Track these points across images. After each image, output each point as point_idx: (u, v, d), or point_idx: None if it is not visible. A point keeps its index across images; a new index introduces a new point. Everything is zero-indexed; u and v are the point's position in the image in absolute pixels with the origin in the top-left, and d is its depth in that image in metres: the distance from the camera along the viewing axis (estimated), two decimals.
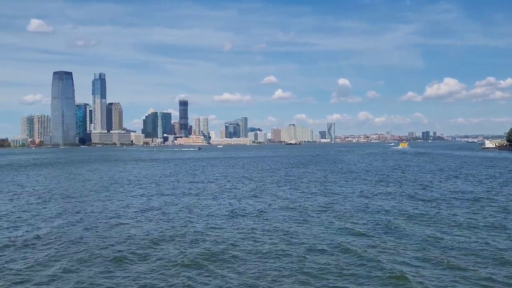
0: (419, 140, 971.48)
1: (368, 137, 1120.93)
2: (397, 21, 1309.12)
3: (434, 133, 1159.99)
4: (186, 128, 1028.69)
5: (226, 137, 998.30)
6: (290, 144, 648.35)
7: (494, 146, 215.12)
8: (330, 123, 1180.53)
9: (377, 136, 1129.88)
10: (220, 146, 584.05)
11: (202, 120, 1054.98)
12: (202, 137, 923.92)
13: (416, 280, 18.88)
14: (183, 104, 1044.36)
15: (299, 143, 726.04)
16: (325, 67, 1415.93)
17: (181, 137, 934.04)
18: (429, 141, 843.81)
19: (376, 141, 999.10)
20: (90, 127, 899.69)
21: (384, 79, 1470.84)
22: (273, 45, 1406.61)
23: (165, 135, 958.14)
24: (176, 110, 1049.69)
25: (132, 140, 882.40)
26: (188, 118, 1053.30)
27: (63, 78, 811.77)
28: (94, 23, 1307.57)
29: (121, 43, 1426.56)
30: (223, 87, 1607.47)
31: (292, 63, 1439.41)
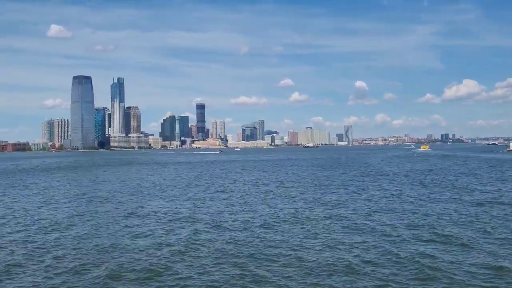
0: (438, 143, 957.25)
1: (386, 140, 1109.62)
2: (415, 22, 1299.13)
3: (453, 136, 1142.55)
4: (203, 131, 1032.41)
5: (243, 140, 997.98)
6: (308, 147, 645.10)
7: None
8: (348, 126, 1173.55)
9: (395, 139, 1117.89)
10: (238, 149, 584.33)
11: (219, 123, 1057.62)
12: (219, 140, 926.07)
13: None
14: (200, 108, 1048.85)
15: (317, 146, 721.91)
16: (342, 69, 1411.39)
17: (198, 140, 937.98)
18: (449, 144, 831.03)
19: (394, 144, 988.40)
20: (109, 131, 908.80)
21: (402, 81, 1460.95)
22: (289, 47, 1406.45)
23: (183, 139, 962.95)
24: (193, 113, 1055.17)
25: (150, 144, 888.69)
26: (205, 121, 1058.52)
27: (83, 83, 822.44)
28: (112, 28, 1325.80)
29: (139, 47, 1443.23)
30: (240, 90, 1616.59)
31: (309, 65, 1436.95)
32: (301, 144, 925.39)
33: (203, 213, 38.39)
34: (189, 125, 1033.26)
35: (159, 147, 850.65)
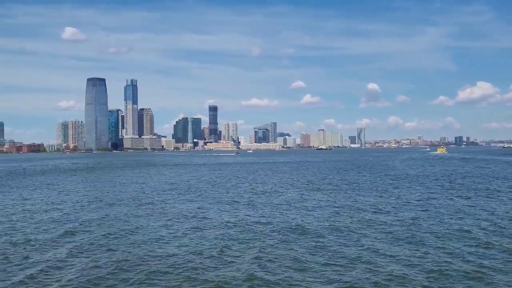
0: (452, 145, 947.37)
1: (399, 142, 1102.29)
2: (427, 24, 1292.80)
3: (467, 138, 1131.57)
4: (216, 133, 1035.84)
5: (255, 142, 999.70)
6: (321, 149, 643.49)
7: None
8: (360, 128, 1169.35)
9: (408, 141, 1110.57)
10: (250, 151, 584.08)
11: (232, 125, 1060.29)
12: (232, 142, 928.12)
13: None
14: (213, 109, 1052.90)
15: (330, 148, 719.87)
16: (354, 71, 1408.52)
17: (211, 142, 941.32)
18: (463, 147, 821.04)
19: (408, 146, 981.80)
20: (122, 132, 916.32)
21: (415, 83, 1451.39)
22: (301, 49, 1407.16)
23: (195, 140, 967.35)
24: (205, 115, 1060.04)
25: (163, 145, 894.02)
26: (218, 123, 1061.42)
27: (97, 85, 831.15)
28: (125, 30, 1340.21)
29: (152, 50, 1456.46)
30: (251, 92, 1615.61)
31: (320, 68, 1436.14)
32: (313, 147, 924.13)
33: (247, 215, 38.71)
34: (202, 127, 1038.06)
35: (172, 149, 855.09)
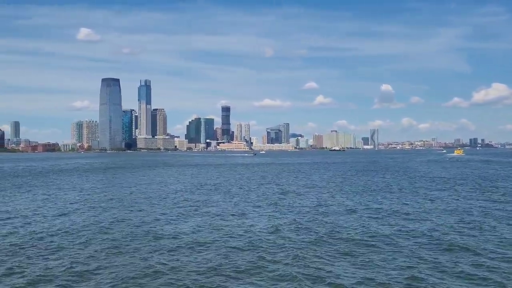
0: (467, 147, 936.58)
1: (413, 144, 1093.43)
2: (442, 25, 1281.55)
3: (483, 140, 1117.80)
4: (228, 134, 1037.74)
5: (268, 143, 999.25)
6: (334, 151, 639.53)
7: None
8: (373, 130, 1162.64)
9: (422, 143, 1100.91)
10: (263, 152, 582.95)
11: (244, 126, 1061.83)
12: (244, 143, 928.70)
13: None
14: (225, 110, 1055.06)
15: (343, 150, 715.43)
16: (367, 73, 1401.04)
17: (223, 143, 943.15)
18: (478, 149, 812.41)
19: (421, 148, 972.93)
20: (136, 133, 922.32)
21: (429, 85, 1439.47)
22: (314, 51, 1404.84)
23: (208, 141, 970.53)
24: (217, 116, 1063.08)
25: (176, 146, 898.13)
26: (230, 124, 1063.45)
27: (111, 85, 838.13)
28: (139, 31, 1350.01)
29: (165, 51, 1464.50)
30: (264, 93, 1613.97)
31: (333, 69, 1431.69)
32: (326, 147, 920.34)
33: (283, 214, 38.47)
34: (214, 128, 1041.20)
35: (185, 149, 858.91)
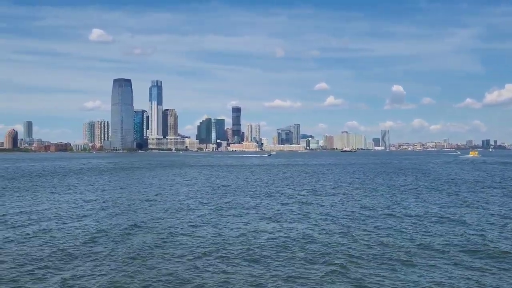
0: (479, 149, 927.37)
1: (424, 145, 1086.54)
2: (454, 25, 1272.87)
3: (495, 142, 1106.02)
4: (239, 134, 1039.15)
5: (278, 144, 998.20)
6: (345, 152, 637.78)
7: None
8: (384, 131, 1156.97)
9: (434, 144, 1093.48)
10: (274, 153, 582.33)
11: (255, 127, 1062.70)
12: (255, 144, 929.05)
13: None
14: (236, 111, 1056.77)
15: (355, 151, 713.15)
16: (379, 73, 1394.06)
17: (234, 143, 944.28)
18: (490, 150, 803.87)
19: (433, 149, 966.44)
20: (147, 133, 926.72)
21: (441, 86, 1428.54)
22: (326, 51, 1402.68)
23: (219, 141, 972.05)
24: (228, 116, 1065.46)
25: (187, 146, 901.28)
26: (241, 125, 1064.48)
27: (123, 85, 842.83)
28: (150, 32, 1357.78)
29: (176, 51, 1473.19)
30: (274, 94, 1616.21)
31: (345, 69, 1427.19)
32: (337, 149, 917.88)
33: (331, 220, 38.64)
34: (225, 128, 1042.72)
35: (196, 150, 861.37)
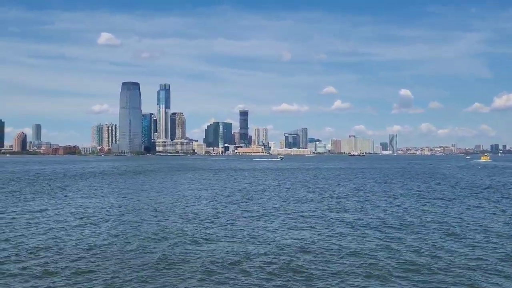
0: (488, 154, 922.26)
1: (432, 150, 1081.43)
2: (463, 29, 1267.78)
3: (504, 146, 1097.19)
4: (246, 138, 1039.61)
5: (286, 147, 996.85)
6: (353, 156, 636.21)
7: None
8: (392, 135, 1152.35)
9: (442, 149, 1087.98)
10: (281, 157, 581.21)
11: (262, 130, 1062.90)
12: (262, 147, 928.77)
13: None
14: (244, 114, 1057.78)
15: (363, 155, 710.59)
16: (386, 77, 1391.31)
17: (242, 147, 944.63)
18: (499, 155, 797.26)
19: (441, 154, 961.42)
20: (154, 136, 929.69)
21: (449, 90, 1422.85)
22: (333, 55, 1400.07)
23: (226, 145, 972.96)
24: (235, 120, 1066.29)
25: (194, 149, 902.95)
26: (248, 128, 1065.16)
27: (131, 89, 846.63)
28: (159, 36, 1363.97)
29: (184, 55, 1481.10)
30: (282, 97, 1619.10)
31: (352, 73, 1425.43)
32: (344, 153, 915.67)
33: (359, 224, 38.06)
34: (232, 132, 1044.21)
35: (203, 153, 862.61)
